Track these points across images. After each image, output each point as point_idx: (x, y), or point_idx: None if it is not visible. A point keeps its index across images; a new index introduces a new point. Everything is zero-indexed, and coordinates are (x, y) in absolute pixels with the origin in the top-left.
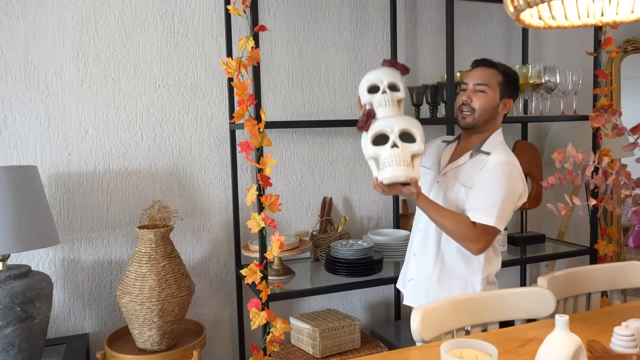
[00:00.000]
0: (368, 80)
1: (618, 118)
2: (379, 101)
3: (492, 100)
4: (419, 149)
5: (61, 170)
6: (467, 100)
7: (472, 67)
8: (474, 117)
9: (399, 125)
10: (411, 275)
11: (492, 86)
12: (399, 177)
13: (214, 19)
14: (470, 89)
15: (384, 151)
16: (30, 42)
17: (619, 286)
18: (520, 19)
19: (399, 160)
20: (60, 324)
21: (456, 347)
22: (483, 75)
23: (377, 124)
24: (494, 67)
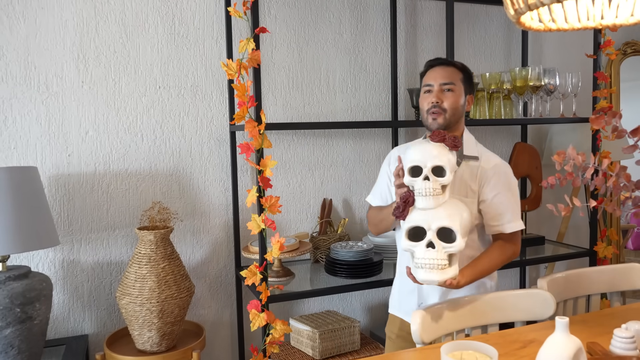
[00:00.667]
0: (412, 160)
1: (618, 120)
2: (420, 189)
3: (460, 98)
4: (458, 248)
5: (61, 171)
6: (437, 102)
7: (429, 67)
8: (445, 117)
9: (439, 221)
10: (421, 299)
11: (457, 84)
12: (431, 282)
13: (214, 20)
14: (436, 89)
15: (419, 250)
16: (30, 43)
17: (619, 288)
18: (520, 22)
19: (432, 264)
20: (59, 325)
21: (456, 349)
22: (447, 74)
23: (414, 215)
24: (453, 65)
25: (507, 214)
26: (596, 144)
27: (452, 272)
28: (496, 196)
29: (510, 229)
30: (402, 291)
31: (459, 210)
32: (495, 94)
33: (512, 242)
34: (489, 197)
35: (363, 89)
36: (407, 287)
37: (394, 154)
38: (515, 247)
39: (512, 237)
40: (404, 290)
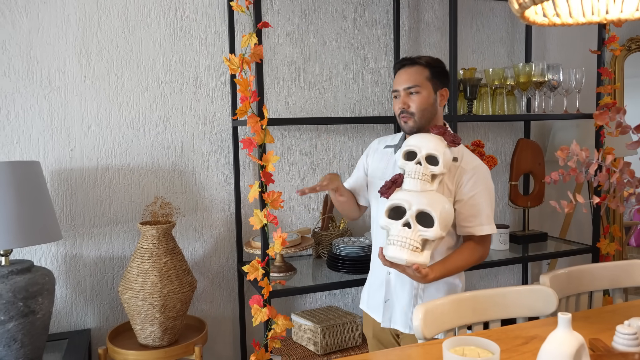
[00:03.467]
0: (409, 145)
1: (622, 116)
2: (410, 171)
3: (428, 98)
4: (434, 235)
5: (64, 166)
6: (404, 107)
7: (396, 69)
8: (415, 120)
9: (420, 204)
10: (388, 295)
11: (422, 84)
12: (399, 260)
13: (217, 15)
14: (402, 94)
15: (395, 227)
16: (33, 37)
17: (621, 285)
18: (524, 17)
19: (404, 242)
20: (62, 319)
21: (458, 345)
22: (410, 76)
23: (398, 194)
24: (417, 64)
25: (482, 216)
26: (599, 140)
27: (422, 259)
28: (472, 197)
29: (483, 231)
30: (372, 285)
31: (442, 201)
32: (498, 90)
33: (482, 244)
34: (465, 198)
35: (365, 85)
36: (376, 281)
37: (373, 145)
38: (485, 250)
39: (483, 239)
40: (374, 285)
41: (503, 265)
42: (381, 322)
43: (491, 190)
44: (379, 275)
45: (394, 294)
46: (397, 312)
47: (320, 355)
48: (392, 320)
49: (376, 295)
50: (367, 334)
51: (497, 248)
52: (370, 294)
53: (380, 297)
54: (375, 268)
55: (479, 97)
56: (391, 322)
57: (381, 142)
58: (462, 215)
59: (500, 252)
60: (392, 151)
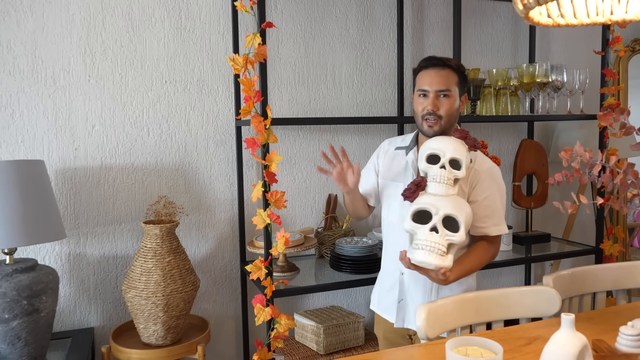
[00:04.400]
0: (430, 147)
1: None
2: (434, 175)
3: (455, 103)
4: (460, 240)
5: (68, 165)
6: (433, 109)
7: (423, 66)
8: (441, 124)
9: (446, 208)
10: (402, 295)
11: (453, 89)
12: (427, 265)
13: (221, 15)
14: (432, 96)
15: (422, 232)
16: (38, 37)
17: (625, 286)
18: (529, 17)
19: (433, 247)
20: (65, 317)
21: (461, 345)
22: (442, 79)
23: (423, 198)
24: (449, 67)
25: (495, 217)
26: (603, 141)
27: (448, 262)
28: (487, 198)
29: (496, 232)
30: (383, 286)
31: (465, 205)
32: (502, 91)
33: (494, 244)
34: (479, 199)
35: (369, 85)
36: (388, 282)
37: (383, 146)
38: (497, 249)
39: (495, 239)
40: (385, 286)
41: (506, 266)
42: (395, 322)
43: (503, 191)
44: (391, 276)
45: (408, 294)
46: (411, 312)
47: (323, 355)
48: (405, 320)
49: (388, 296)
50: (378, 335)
51: (500, 249)
52: (382, 295)
53: (393, 297)
54: (387, 269)
55: (483, 97)
56: (405, 322)
57: (392, 144)
58: (476, 216)
59: (503, 252)
60: (403, 153)
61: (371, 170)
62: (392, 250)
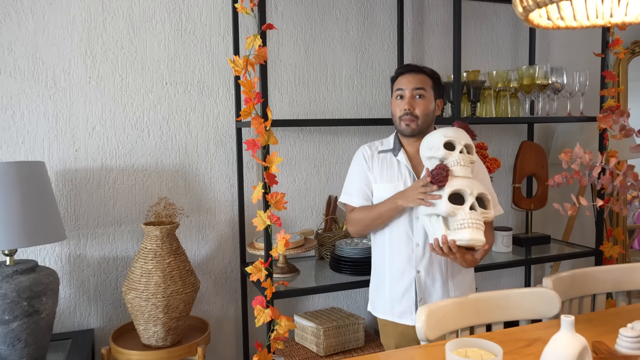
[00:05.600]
0: (446, 135)
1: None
2: (457, 159)
3: (430, 104)
4: (492, 216)
5: (68, 167)
6: (409, 109)
7: (400, 72)
8: (418, 123)
9: (478, 188)
10: (420, 294)
11: (427, 90)
12: (478, 241)
13: (221, 17)
14: (408, 95)
15: (463, 212)
16: (39, 38)
17: (625, 288)
18: (528, 19)
19: (478, 224)
20: (66, 319)
21: (461, 347)
22: (418, 80)
23: (455, 181)
24: (423, 72)
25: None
26: (603, 143)
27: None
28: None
29: (497, 212)
30: (396, 292)
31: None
32: (502, 92)
33: (491, 228)
34: None
35: (369, 86)
36: (401, 285)
37: (365, 153)
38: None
39: (491, 224)
40: (398, 290)
41: (506, 267)
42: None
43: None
44: (405, 278)
45: (426, 291)
46: None
47: (323, 356)
48: None
49: (404, 300)
50: (389, 344)
51: (500, 250)
52: (395, 301)
53: (410, 299)
54: (397, 273)
55: (483, 99)
56: None
57: (372, 149)
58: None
59: (503, 254)
60: (389, 155)
61: (366, 175)
62: (403, 253)
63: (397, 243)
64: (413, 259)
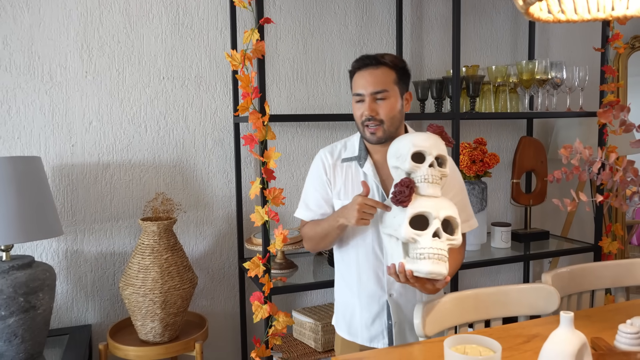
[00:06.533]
0: (415, 145)
1: (626, 114)
2: (425, 175)
3: (396, 104)
4: (459, 242)
5: (65, 162)
6: (371, 114)
7: (356, 68)
8: (384, 129)
9: (445, 210)
10: (395, 318)
11: (391, 89)
12: (438, 275)
13: (218, 11)
14: (368, 99)
15: (424, 240)
16: (34, 32)
17: (623, 283)
18: (529, 13)
19: (440, 255)
20: (63, 314)
21: (460, 343)
22: (377, 80)
23: (420, 202)
24: (383, 65)
25: (463, 214)
26: (603, 139)
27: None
28: (455, 196)
29: (467, 228)
30: (365, 318)
31: (453, 204)
32: (501, 87)
33: (461, 252)
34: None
35: None
36: (372, 310)
37: (325, 161)
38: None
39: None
40: (368, 316)
41: (505, 263)
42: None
43: (464, 184)
44: (375, 303)
45: (401, 314)
46: (407, 331)
47: (321, 352)
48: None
49: (375, 324)
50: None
51: (498, 246)
52: (365, 326)
53: (382, 324)
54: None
55: (482, 94)
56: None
57: (333, 155)
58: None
59: (502, 250)
60: (355, 164)
61: (323, 188)
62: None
63: (366, 264)
64: (384, 281)
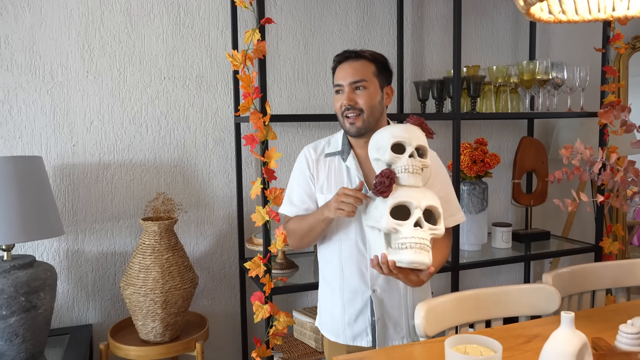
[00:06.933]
0: (394, 135)
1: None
2: (405, 165)
3: (376, 94)
4: (442, 232)
5: (66, 161)
6: (350, 103)
7: (337, 62)
8: (363, 118)
9: (426, 200)
10: (378, 314)
11: (370, 80)
12: (421, 264)
13: (220, 11)
14: (347, 89)
15: (406, 229)
16: (36, 32)
17: (624, 284)
18: (530, 13)
19: (421, 245)
20: (64, 314)
21: (460, 343)
22: (355, 71)
23: (401, 192)
24: (362, 58)
25: (450, 207)
26: (603, 139)
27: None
28: (440, 190)
29: (453, 222)
30: (348, 314)
31: (435, 195)
32: (502, 88)
33: (450, 234)
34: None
35: None
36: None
37: (309, 156)
38: (451, 239)
39: (450, 230)
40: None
41: (505, 263)
42: (377, 345)
43: (448, 177)
44: (358, 299)
45: (384, 311)
46: (391, 329)
47: (322, 352)
48: (387, 339)
49: (359, 321)
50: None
51: (499, 246)
52: (348, 323)
53: (365, 320)
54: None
55: (483, 94)
56: (387, 341)
57: (317, 150)
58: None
59: (502, 250)
60: (337, 159)
61: (308, 186)
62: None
63: (349, 259)
64: (368, 277)
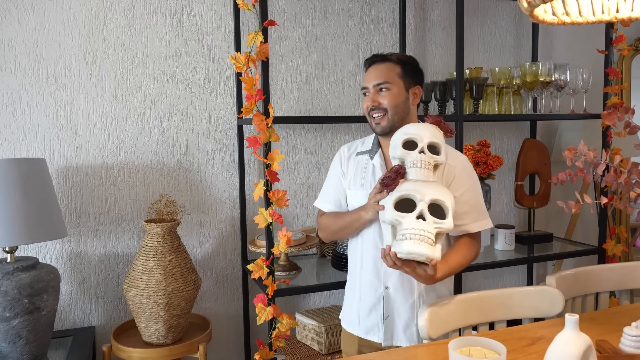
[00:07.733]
0: (406, 133)
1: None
2: (414, 160)
3: (400, 95)
4: (448, 227)
5: (69, 164)
6: (374, 104)
7: (366, 67)
8: (388, 118)
9: (432, 194)
10: (388, 312)
11: (393, 81)
12: (418, 255)
13: (222, 13)
14: (372, 91)
15: (407, 221)
16: (39, 35)
17: (628, 286)
18: (533, 15)
19: (422, 236)
20: (67, 316)
21: (464, 345)
22: (380, 73)
23: (405, 185)
24: (388, 60)
25: (474, 212)
26: (606, 141)
27: (438, 253)
28: (464, 194)
29: (477, 227)
30: (364, 307)
31: (448, 192)
32: (504, 90)
33: (477, 239)
34: (456, 195)
35: None
36: (369, 301)
37: (343, 153)
38: (479, 245)
39: (477, 236)
40: (366, 306)
41: (508, 265)
42: (383, 341)
43: (478, 185)
44: (373, 293)
45: (395, 309)
46: (399, 329)
47: (325, 354)
48: (394, 337)
49: (371, 316)
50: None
51: (502, 248)
52: (362, 317)
53: (377, 316)
54: (366, 287)
55: (485, 96)
56: (394, 340)
57: (351, 149)
58: (455, 214)
59: (505, 252)
60: (366, 157)
61: (339, 180)
62: (371, 265)
63: (367, 253)
64: (382, 272)
